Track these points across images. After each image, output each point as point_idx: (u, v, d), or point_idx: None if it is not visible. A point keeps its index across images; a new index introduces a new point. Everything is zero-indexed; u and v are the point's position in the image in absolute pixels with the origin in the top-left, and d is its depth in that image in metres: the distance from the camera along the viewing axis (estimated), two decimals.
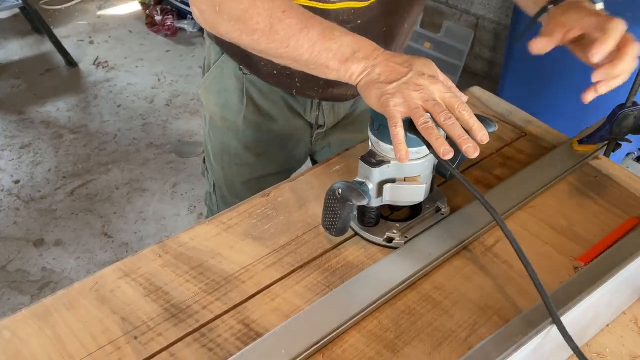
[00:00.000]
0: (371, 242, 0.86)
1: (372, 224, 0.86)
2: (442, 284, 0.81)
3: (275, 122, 1.10)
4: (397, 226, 0.87)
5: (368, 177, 0.81)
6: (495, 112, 1.15)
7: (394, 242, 0.85)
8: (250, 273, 0.81)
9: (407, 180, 0.82)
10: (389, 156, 0.80)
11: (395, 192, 0.82)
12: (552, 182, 0.97)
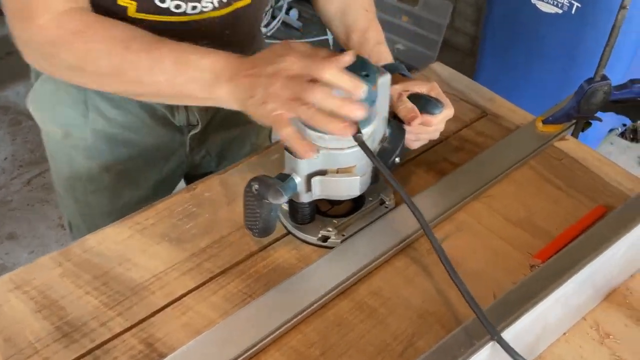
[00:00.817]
0: (305, 241, 0.76)
1: (306, 221, 0.76)
2: (380, 288, 0.71)
3: (135, 133, 0.89)
4: (334, 222, 0.76)
5: (294, 169, 0.70)
6: (455, 90, 1.04)
7: (329, 241, 0.75)
8: (161, 282, 0.71)
9: (341, 172, 0.71)
10: (317, 144, 0.70)
11: (326, 186, 0.72)
12: (512, 167, 0.87)
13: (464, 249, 0.75)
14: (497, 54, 2.09)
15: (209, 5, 0.77)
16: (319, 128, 0.64)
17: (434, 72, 1.09)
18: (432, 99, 0.78)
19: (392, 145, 0.75)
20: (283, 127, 0.62)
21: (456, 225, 0.79)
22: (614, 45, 0.84)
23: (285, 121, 0.62)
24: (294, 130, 0.63)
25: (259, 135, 1.05)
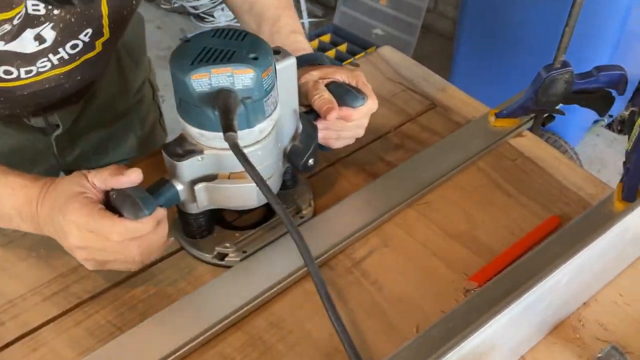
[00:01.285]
0: (198, 259, 0.63)
1: (201, 234, 0.64)
2: (281, 319, 0.59)
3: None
4: (235, 236, 0.64)
5: (175, 174, 0.58)
6: (403, 78, 0.91)
7: (227, 259, 0.63)
8: (16, 309, 0.59)
9: (233, 177, 0.59)
10: (200, 143, 0.57)
11: (214, 195, 0.59)
12: (456, 169, 0.74)
13: (389, 268, 0.63)
14: (474, 39, 1.96)
15: (47, 64, 0.67)
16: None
17: (381, 57, 0.96)
18: (353, 89, 0.66)
19: (304, 144, 0.63)
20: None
21: (383, 238, 0.67)
22: (574, 26, 0.72)
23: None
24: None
25: (143, 125, 0.93)
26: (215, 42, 0.56)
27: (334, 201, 0.70)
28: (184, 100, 0.55)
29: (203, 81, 0.53)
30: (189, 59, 0.54)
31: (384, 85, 0.90)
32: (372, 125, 0.81)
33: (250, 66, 0.54)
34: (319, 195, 0.71)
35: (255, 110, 0.56)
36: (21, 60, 0.65)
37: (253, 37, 0.57)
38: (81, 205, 0.53)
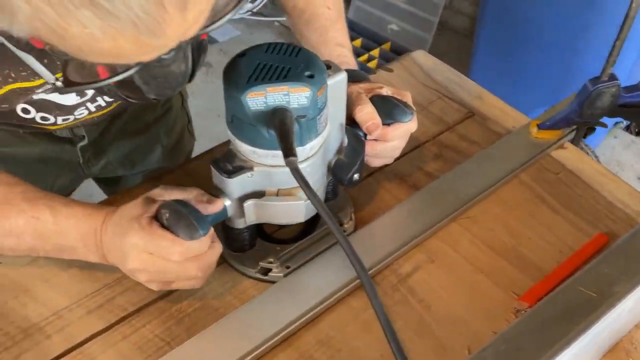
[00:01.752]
0: (242, 273, 0.63)
1: (243, 249, 0.63)
2: (330, 337, 0.58)
3: (9, 148, 0.77)
4: (277, 250, 0.63)
5: (224, 189, 0.57)
6: (438, 84, 0.90)
7: (271, 274, 0.62)
8: (62, 321, 0.58)
9: (282, 194, 0.58)
10: (251, 160, 0.56)
11: (264, 211, 0.58)
12: (499, 182, 0.73)
13: (436, 286, 0.62)
14: (493, 40, 1.94)
15: (84, 112, 0.67)
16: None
17: (414, 61, 0.95)
18: (401, 104, 0.64)
19: (349, 158, 0.62)
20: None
21: (428, 254, 0.66)
22: (625, 39, 0.70)
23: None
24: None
25: (171, 134, 0.92)
26: (270, 58, 0.54)
27: (375, 213, 0.69)
28: (237, 117, 0.54)
29: (258, 100, 0.52)
30: (244, 76, 0.53)
31: (420, 92, 0.89)
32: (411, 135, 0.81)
33: (306, 85, 0.52)
34: (359, 207, 0.70)
35: (308, 128, 0.55)
36: (60, 111, 0.65)
37: (307, 53, 0.56)
38: (140, 226, 0.54)
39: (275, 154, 0.55)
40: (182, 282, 0.56)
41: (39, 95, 0.61)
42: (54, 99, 0.63)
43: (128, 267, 0.55)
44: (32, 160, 0.80)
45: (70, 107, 0.65)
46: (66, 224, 0.57)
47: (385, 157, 0.68)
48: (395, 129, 0.65)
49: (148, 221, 0.54)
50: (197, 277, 0.56)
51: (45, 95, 0.61)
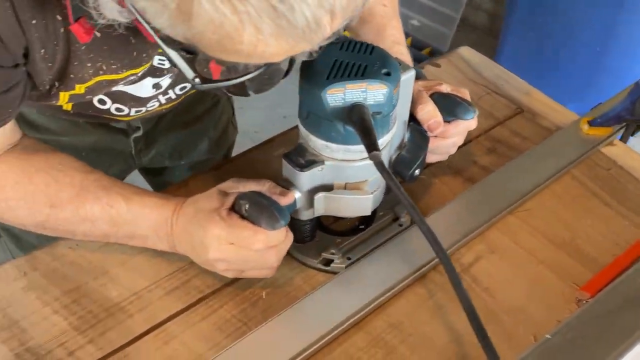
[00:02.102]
0: (303, 263, 0.64)
1: (305, 239, 0.65)
2: (400, 321, 0.60)
3: (69, 137, 0.80)
4: (337, 242, 0.65)
5: (294, 183, 0.59)
6: (485, 80, 0.91)
7: (333, 265, 0.64)
8: (141, 302, 0.60)
9: (349, 188, 0.59)
10: (323, 154, 0.58)
11: (332, 204, 0.60)
12: (552, 177, 0.75)
13: (498, 275, 0.65)
14: (521, 35, 1.95)
15: (155, 104, 0.69)
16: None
17: (461, 57, 0.97)
18: (464, 101, 0.66)
19: (411, 154, 0.64)
20: None
21: (488, 245, 0.68)
22: None
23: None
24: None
25: (217, 126, 0.94)
26: (346, 56, 0.56)
27: (432, 206, 0.71)
28: (314, 113, 0.55)
29: (337, 96, 0.54)
30: (323, 73, 0.54)
31: (468, 87, 0.89)
32: None
33: (384, 82, 0.54)
34: (416, 200, 0.72)
35: (382, 124, 0.56)
36: (135, 102, 0.67)
37: (380, 51, 0.57)
38: (221, 218, 0.55)
39: (347, 148, 0.56)
40: (257, 271, 0.59)
41: (118, 87, 0.63)
42: (131, 91, 0.65)
43: (209, 257, 0.56)
44: (88, 150, 0.82)
45: (145, 99, 0.67)
46: (139, 213, 0.59)
47: (441, 154, 0.70)
48: (456, 126, 0.66)
49: (227, 213, 0.56)
50: (272, 267, 0.58)
51: (124, 87, 0.64)
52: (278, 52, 0.39)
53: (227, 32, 0.36)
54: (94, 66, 0.56)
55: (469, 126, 0.68)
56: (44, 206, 0.59)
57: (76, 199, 0.59)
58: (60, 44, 0.52)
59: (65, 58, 0.54)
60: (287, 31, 0.36)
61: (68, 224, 0.60)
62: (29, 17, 0.48)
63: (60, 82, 0.56)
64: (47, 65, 0.53)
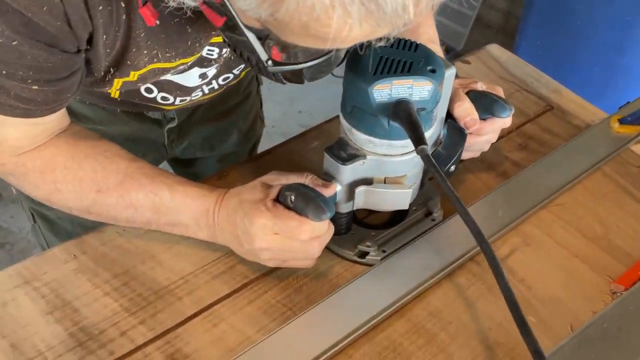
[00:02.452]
0: (339, 255, 0.66)
1: (342, 232, 0.66)
2: (439, 310, 0.62)
3: (107, 126, 0.82)
4: (372, 235, 0.66)
5: (335, 176, 0.60)
6: (515, 78, 0.93)
7: (368, 257, 0.65)
8: (189, 286, 0.62)
9: (388, 182, 0.61)
10: (364, 148, 0.59)
11: (371, 197, 0.61)
12: (584, 174, 0.77)
13: (534, 268, 0.66)
14: (538, 34, 1.96)
15: (199, 94, 0.71)
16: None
17: (490, 55, 0.98)
18: (500, 99, 0.67)
19: (448, 150, 0.65)
20: None
21: (523, 238, 0.69)
22: None
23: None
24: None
25: (246, 119, 0.96)
26: (392, 52, 0.56)
27: (466, 199, 0.73)
28: (359, 108, 0.56)
29: (384, 92, 0.55)
30: (370, 68, 0.55)
31: (499, 83, 0.91)
32: None
33: (429, 79, 0.55)
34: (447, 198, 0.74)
35: (425, 120, 0.57)
36: (180, 92, 0.69)
37: (424, 48, 0.58)
38: (267, 208, 0.57)
39: (390, 143, 0.57)
40: (299, 261, 0.60)
41: (166, 76, 0.64)
42: (178, 80, 0.66)
43: (255, 247, 0.58)
44: (123, 139, 0.83)
45: (190, 89, 0.69)
46: (182, 202, 0.61)
47: (475, 151, 0.71)
48: (492, 123, 0.68)
49: (272, 203, 0.57)
50: (314, 257, 0.60)
51: (171, 77, 0.65)
52: (359, 36, 0.39)
53: (317, 14, 0.36)
54: (150, 54, 0.57)
55: (504, 124, 0.69)
56: (90, 191, 0.60)
57: (121, 186, 0.60)
58: (121, 31, 0.54)
59: (124, 45, 0.55)
60: (375, 15, 0.36)
61: (113, 209, 0.61)
62: (97, 3, 0.50)
63: (116, 68, 0.58)
64: (107, 51, 0.55)
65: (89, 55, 0.55)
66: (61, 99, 0.57)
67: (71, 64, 0.54)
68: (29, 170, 0.60)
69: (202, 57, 0.63)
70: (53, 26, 0.49)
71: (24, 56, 0.50)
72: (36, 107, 0.55)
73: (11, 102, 0.53)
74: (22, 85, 0.52)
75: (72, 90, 0.57)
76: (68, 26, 0.50)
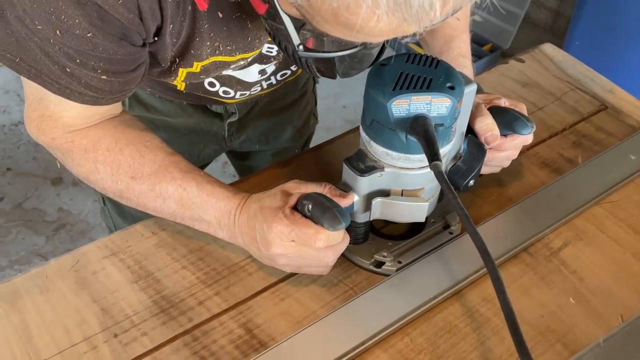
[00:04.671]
0: (355, 264, 0.67)
1: (358, 242, 0.67)
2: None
3: (173, 118, 0.87)
4: (388, 245, 0.67)
5: (353, 186, 0.61)
6: (569, 77, 0.95)
7: (384, 267, 0.66)
8: (257, 263, 0.67)
9: (405, 194, 0.62)
10: (382, 161, 0.60)
11: (388, 209, 0.63)
12: (638, 172, 0.78)
13: (586, 261, 0.69)
14: (589, 34, 1.94)
15: (258, 89, 0.74)
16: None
17: (545, 54, 1.00)
18: (522, 116, 0.67)
19: (467, 165, 0.65)
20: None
21: (576, 232, 0.72)
22: None
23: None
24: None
25: (301, 116, 0.99)
26: (412, 68, 0.57)
27: (522, 194, 0.75)
28: (378, 122, 0.57)
29: (402, 107, 0.55)
30: (389, 84, 0.55)
31: (553, 83, 0.94)
32: (548, 123, 0.87)
33: (448, 95, 0.55)
34: (509, 185, 0.77)
35: (443, 136, 0.58)
36: (240, 86, 0.73)
37: (445, 65, 0.58)
38: (285, 215, 0.59)
39: (408, 157, 0.58)
40: (314, 268, 0.62)
41: (228, 71, 0.68)
42: (239, 75, 0.71)
43: (271, 252, 0.60)
44: (188, 130, 0.90)
45: (250, 84, 0.73)
46: (207, 200, 0.63)
47: (495, 166, 0.71)
48: (512, 140, 0.68)
49: (291, 211, 0.59)
50: (328, 265, 0.61)
51: (232, 72, 0.69)
52: (387, 29, 0.39)
53: (347, 1, 0.37)
54: (212, 45, 0.60)
55: (525, 141, 0.69)
56: (125, 176, 0.63)
57: (154, 176, 0.63)
58: (187, 21, 0.57)
59: (188, 35, 0.58)
60: (402, 8, 0.37)
61: (143, 197, 0.64)
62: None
63: (181, 58, 0.61)
64: (173, 41, 0.58)
65: (156, 46, 0.58)
66: (125, 90, 0.61)
67: (137, 58, 0.58)
68: (75, 147, 0.64)
69: (261, 54, 0.66)
70: (126, 18, 0.52)
71: (97, 48, 0.54)
72: (103, 96, 0.59)
73: (81, 89, 0.57)
74: (92, 74, 0.56)
75: (136, 82, 0.61)
76: (139, 18, 0.53)
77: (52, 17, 0.51)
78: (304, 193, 0.60)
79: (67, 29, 0.51)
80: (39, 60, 0.55)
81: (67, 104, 0.60)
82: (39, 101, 0.62)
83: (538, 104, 0.90)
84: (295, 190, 0.61)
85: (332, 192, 0.61)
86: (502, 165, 0.72)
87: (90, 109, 0.62)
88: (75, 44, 0.53)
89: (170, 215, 0.65)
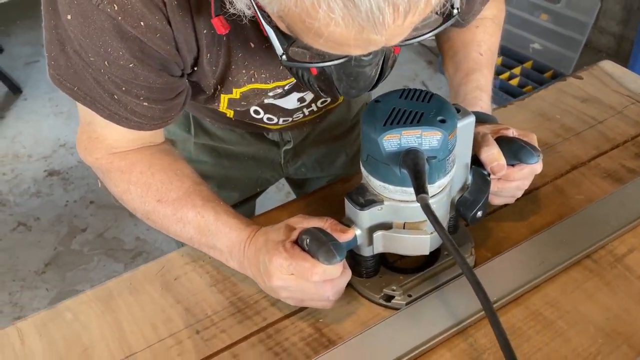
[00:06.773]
0: (365, 297, 0.67)
1: (369, 275, 0.68)
2: (556, 300, 0.66)
3: (235, 146, 0.92)
4: (399, 279, 0.67)
5: (355, 220, 0.62)
6: (630, 91, 0.95)
7: (394, 301, 0.66)
8: None
9: (408, 227, 0.62)
10: (381, 194, 0.61)
11: (391, 242, 0.63)
12: None
13: None
14: None
15: (300, 115, 0.78)
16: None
17: (604, 70, 1.01)
18: (528, 145, 0.66)
19: (473, 196, 0.65)
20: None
21: None
22: None
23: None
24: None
25: (354, 144, 1.01)
26: (404, 104, 0.59)
27: (584, 204, 0.76)
28: (372, 156, 0.58)
29: (393, 142, 0.56)
30: (380, 120, 0.57)
31: (612, 97, 0.95)
32: (609, 135, 0.88)
33: (438, 129, 0.56)
34: (569, 197, 0.78)
35: (438, 168, 0.58)
36: (282, 113, 0.78)
37: (438, 99, 0.59)
38: (285, 249, 0.60)
39: (404, 190, 0.58)
40: (315, 301, 0.63)
41: (269, 100, 0.73)
42: (280, 104, 0.76)
43: (272, 285, 0.61)
44: (247, 157, 0.95)
45: (291, 111, 0.78)
46: (221, 230, 0.66)
47: (507, 197, 0.71)
48: (520, 169, 0.67)
49: (291, 245, 0.60)
50: (329, 299, 0.62)
51: (273, 101, 0.74)
52: (347, 35, 0.41)
53: (305, 6, 0.39)
54: (248, 73, 0.65)
55: (533, 170, 0.68)
56: (152, 198, 0.68)
57: (178, 201, 0.67)
58: (223, 50, 0.61)
59: (225, 63, 0.63)
60: (352, 12, 0.39)
61: (166, 220, 0.68)
62: (202, 27, 0.58)
63: (221, 85, 0.66)
64: (212, 69, 0.63)
65: (197, 75, 0.64)
66: (166, 117, 0.66)
67: (176, 87, 0.63)
68: (113, 167, 0.69)
69: (297, 83, 0.68)
70: (163, 50, 0.57)
71: (138, 77, 0.59)
72: (146, 122, 0.65)
73: (127, 115, 0.63)
74: (136, 101, 0.62)
75: (176, 110, 0.66)
76: (175, 49, 0.59)
77: (101, 50, 0.57)
78: (305, 228, 0.62)
79: (113, 60, 0.57)
80: (93, 88, 0.61)
81: (112, 128, 0.65)
82: (89, 124, 0.68)
83: (598, 117, 0.91)
84: (298, 225, 0.63)
85: (333, 227, 0.62)
86: (514, 195, 0.71)
87: (133, 133, 0.66)
88: (120, 73, 0.59)
89: (188, 240, 0.69)
